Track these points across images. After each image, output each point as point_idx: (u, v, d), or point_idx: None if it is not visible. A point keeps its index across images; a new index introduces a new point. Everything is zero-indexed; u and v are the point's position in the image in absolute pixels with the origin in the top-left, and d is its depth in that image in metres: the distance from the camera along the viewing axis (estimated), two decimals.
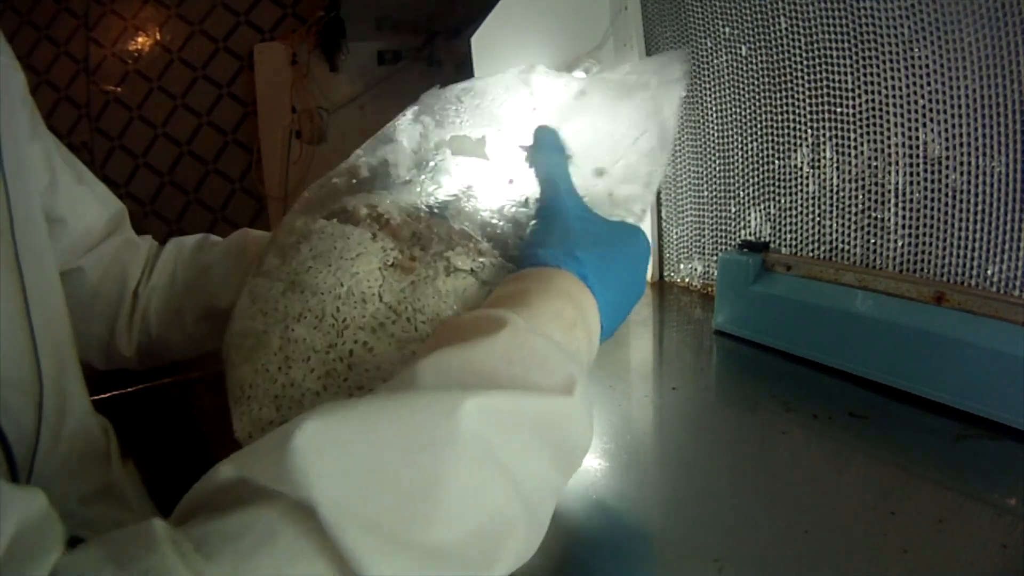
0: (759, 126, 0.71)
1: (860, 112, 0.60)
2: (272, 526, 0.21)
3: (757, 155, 0.72)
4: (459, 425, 0.26)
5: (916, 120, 0.56)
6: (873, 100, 0.59)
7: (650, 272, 0.87)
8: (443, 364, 0.29)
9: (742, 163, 0.74)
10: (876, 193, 0.61)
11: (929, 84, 0.54)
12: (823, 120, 0.64)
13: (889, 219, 0.60)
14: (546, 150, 0.45)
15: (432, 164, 0.47)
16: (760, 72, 0.69)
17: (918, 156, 0.57)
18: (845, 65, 0.61)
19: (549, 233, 0.40)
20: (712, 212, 0.79)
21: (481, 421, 0.26)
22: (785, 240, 0.70)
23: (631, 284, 0.42)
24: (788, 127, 0.68)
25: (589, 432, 0.32)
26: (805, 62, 0.64)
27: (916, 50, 0.55)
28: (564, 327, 0.34)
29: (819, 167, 0.65)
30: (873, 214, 0.61)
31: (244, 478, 0.23)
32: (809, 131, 0.65)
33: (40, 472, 0.36)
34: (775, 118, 0.69)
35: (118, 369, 0.60)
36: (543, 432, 0.29)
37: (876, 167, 0.60)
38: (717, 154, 0.77)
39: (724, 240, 0.78)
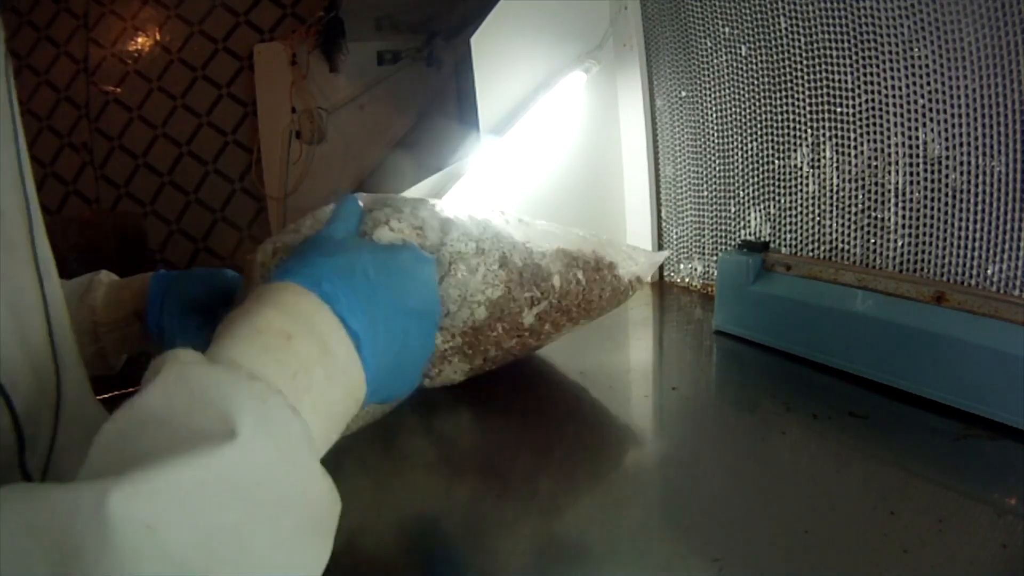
0: (759, 126, 0.71)
1: (860, 112, 0.60)
2: None
3: (757, 155, 0.72)
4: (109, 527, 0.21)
5: (916, 120, 0.56)
6: (873, 100, 0.59)
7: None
8: (120, 423, 0.25)
9: (742, 163, 0.74)
10: (876, 193, 0.61)
11: (929, 84, 0.55)
12: (823, 120, 0.64)
13: (889, 219, 0.60)
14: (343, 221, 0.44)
15: None
16: (760, 72, 0.69)
17: (918, 156, 0.57)
18: (845, 65, 0.61)
19: (295, 254, 0.37)
20: (712, 212, 0.79)
21: (135, 513, 0.22)
22: (785, 240, 0.70)
23: (403, 298, 0.37)
24: (788, 127, 0.68)
25: (280, 470, 0.26)
26: (805, 62, 0.64)
27: (916, 50, 0.55)
28: (270, 342, 0.29)
29: (819, 167, 0.65)
30: (873, 214, 0.61)
31: None
32: (809, 131, 0.65)
33: (56, 447, 0.37)
34: (775, 118, 0.69)
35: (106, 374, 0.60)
36: (224, 500, 0.24)
37: (876, 167, 0.60)
38: (717, 154, 0.77)
39: (724, 240, 0.78)
